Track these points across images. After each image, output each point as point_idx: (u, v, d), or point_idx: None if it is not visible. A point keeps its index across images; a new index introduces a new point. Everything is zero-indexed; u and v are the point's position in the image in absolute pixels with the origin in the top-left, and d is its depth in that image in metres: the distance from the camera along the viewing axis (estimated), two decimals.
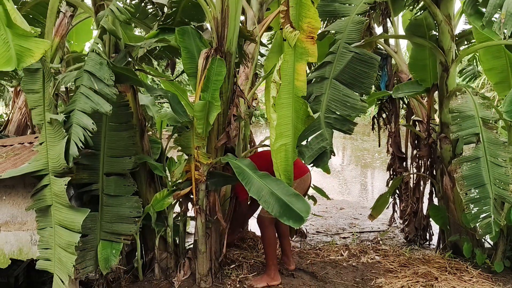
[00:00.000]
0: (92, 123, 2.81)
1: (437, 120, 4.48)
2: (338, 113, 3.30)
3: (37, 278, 4.07)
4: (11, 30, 2.55)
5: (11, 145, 3.76)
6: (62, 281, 2.91)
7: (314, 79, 3.47)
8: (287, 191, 2.92)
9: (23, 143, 3.78)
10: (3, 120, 7.22)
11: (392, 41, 5.44)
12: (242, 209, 4.07)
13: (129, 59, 3.51)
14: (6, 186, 3.37)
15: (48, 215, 3.01)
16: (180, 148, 3.49)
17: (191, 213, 3.73)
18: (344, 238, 5.57)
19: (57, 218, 2.96)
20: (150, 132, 4.14)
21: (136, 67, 3.81)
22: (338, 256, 4.32)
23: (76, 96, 2.89)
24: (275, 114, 2.88)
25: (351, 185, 9.15)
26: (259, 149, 4.73)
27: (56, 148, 2.89)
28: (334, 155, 3.31)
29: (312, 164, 3.34)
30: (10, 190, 3.38)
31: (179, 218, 3.88)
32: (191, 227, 4.81)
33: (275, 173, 3.01)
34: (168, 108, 7.38)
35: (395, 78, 5.51)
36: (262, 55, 5.69)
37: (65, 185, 2.88)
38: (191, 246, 3.78)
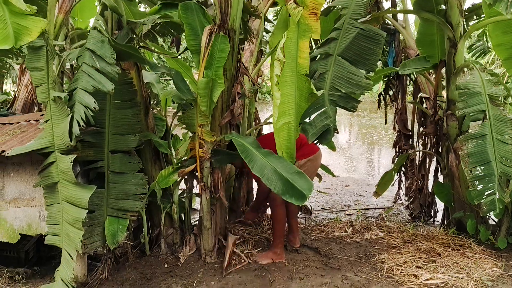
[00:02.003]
0: (94, 102, 2.82)
1: (444, 97, 4.43)
2: (343, 91, 3.28)
3: (47, 253, 4.18)
4: (8, 8, 2.54)
5: (18, 123, 3.81)
6: (71, 256, 2.98)
7: (318, 56, 3.43)
8: (290, 168, 2.92)
9: (29, 120, 3.82)
10: (10, 97, 7.26)
11: (400, 16, 5.33)
12: (264, 186, 4.06)
13: (132, 36, 3.48)
14: (13, 163, 3.43)
15: (55, 192, 3.07)
16: (184, 125, 3.50)
17: (196, 190, 3.77)
18: (349, 215, 5.61)
19: (64, 195, 3.02)
20: (155, 110, 4.15)
21: (140, 44, 3.79)
22: (342, 232, 4.36)
23: (79, 74, 2.89)
24: (279, 92, 2.86)
25: (357, 162, 9.15)
26: (265, 128, 4.73)
27: (61, 125, 2.92)
28: (337, 132, 3.30)
29: (315, 142, 3.34)
30: (18, 167, 3.44)
31: (185, 195, 3.92)
32: (197, 203, 4.87)
33: (278, 152, 3.01)
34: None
35: (403, 54, 5.42)
36: (267, 31, 5.61)
37: (71, 162, 2.93)
38: (197, 222, 3.84)
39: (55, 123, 2.99)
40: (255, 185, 5.11)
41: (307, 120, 3.13)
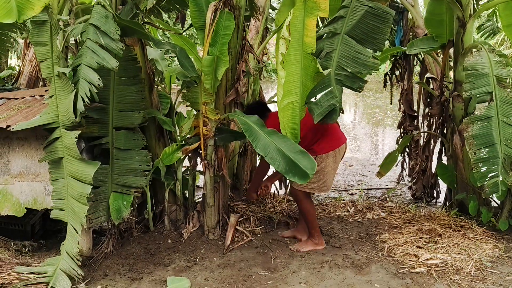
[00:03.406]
0: (98, 78, 2.81)
1: (451, 77, 4.38)
2: (349, 70, 3.22)
3: (53, 227, 4.24)
4: None
5: (23, 98, 3.81)
6: (76, 230, 3.02)
7: (325, 35, 3.38)
8: (294, 148, 2.92)
9: (34, 95, 3.82)
10: (15, 72, 7.25)
11: None
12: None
13: (137, 11, 3.44)
14: (18, 138, 3.45)
15: (61, 167, 3.10)
16: (188, 103, 3.49)
17: (200, 167, 3.79)
18: (351, 194, 5.64)
19: (69, 170, 3.04)
20: (160, 87, 4.13)
21: (145, 20, 3.75)
22: (344, 212, 4.39)
23: (83, 50, 2.88)
24: (284, 71, 2.83)
25: (361, 143, 9.13)
26: (271, 106, 4.68)
27: (65, 101, 2.93)
28: (343, 112, 3.27)
29: (321, 122, 3.30)
30: (23, 142, 3.46)
31: (188, 172, 3.95)
32: (200, 181, 4.91)
33: (281, 131, 3.00)
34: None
35: (411, 34, 5.33)
36: (273, 8, 5.53)
37: (76, 138, 2.94)
38: (200, 199, 3.88)
39: (59, 98, 2.99)
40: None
41: (313, 100, 3.09)
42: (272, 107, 5.91)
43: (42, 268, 3.10)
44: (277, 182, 4.67)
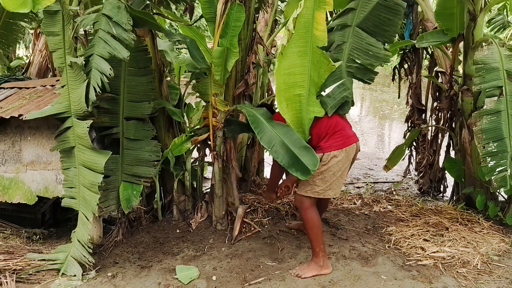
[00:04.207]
0: (110, 68, 2.83)
1: (461, 71, 4.36)
2: (360, 62, 3.22)
3: (63, 216, 4.30)
4: None
5: (34, 87, 3.85)
6: (87, 218, 3.07)
7: (335, 27, 3.37)
8: (298, 143, 2.91)
9: (45, 85, 3.85)
10: (24, 62, 7.29)
11: None
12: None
13: (147, 2, 3.46)
14: (30, 127, 3.49)
15: (72, 156, 3.13)
16: (198, 94, 3.51)
17: (208, 158, 3.82)
18: (358, 187, 5.66)
19: (81, 159, 3.08)
20: (169, 78, 4.15)
21: (154, 11, 3.76)
22: (351, 204, 4.42)
23: (95, 40, 2.90)
24: (280, 62, 2.84)
25: (367, 136, 9.13)
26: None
27: (77, 91, 2.95)
28: (353, 105, 3.27)
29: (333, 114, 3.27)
30: (35, 131, 3.50)
31: (197, 163, 3.98)
32: (208, 172, 4.94)
33: (287, 122, 3.01)
34: (186, 54, 7.32)
35: (420, 27, 5.31)
36: (282, 0, 5.52)
37: (88, 127, 2.97)
38: (208, 190, 3.91)
39: (71, 88, 3.02)
40: (266, 156, 5.17)
41: (323, 92, 3.08)
42: None
43: (53, 255, 3.15)
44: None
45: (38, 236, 3.75)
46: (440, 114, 5.11)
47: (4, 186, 3.57)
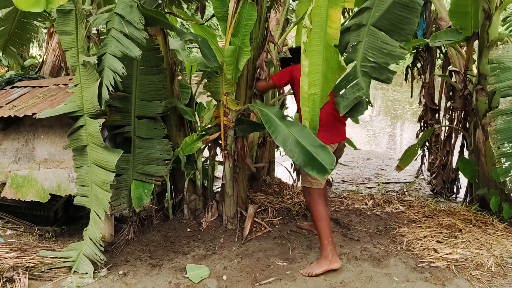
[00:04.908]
0: (123, 67, 2.84)
1: (475, 71, 4.30)
2: (374, 61, 3.16)
3: (75, 214, 4.34)
4: None
5: (47, 86, 3.88)
6: (99, 216, 3.08)
7: (351, 27, 3.33)
8: (313, 141, 2.88)
9: (58, 84, 3.89)
10: (37, 61, 7.37)
11: None
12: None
13: (159, 1, 3.47)
14: (43, 125, 3.53)
15: (84, 155, 3.15)
16: (209, 93, 3.51)
17: (219, 157, 3.82)
18: (369, 188, 5.61)
19: (93, 158, 3.10)
20: (180, 77, 4.16)
21: (166, 10, 3.77)
22: (362, 205, 4.38)
23: (108, 39, 2.91)
24: (307, 61, 2.79)
25: (379, 136, 9.06)
26: (288, 98, 4.68)
27: (90, 90, 2.97)
28: (372, 106, 3.20)
29: (347, 115, 3.23)
30: (48, 129, 3.54)
31: (208, 162, 3.98)
32: (218, 171, 4.94)
33: (303, 122, 2.98)
34: (197, 53, 7.33)
35: (434, 26, 5.25)
36: None
37: (100, 126, 2.99)
38: (219, 189, 3.91)
39: (84, 87, 3.04)
40: (276, 156, 5.14)
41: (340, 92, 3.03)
42: (289, 99, 5.90)
43: (65, 252, 3.18)
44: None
45: (50, 234, 3.79)
46: (453, 114, 5.04)
47: (17, 184, 3.61)
